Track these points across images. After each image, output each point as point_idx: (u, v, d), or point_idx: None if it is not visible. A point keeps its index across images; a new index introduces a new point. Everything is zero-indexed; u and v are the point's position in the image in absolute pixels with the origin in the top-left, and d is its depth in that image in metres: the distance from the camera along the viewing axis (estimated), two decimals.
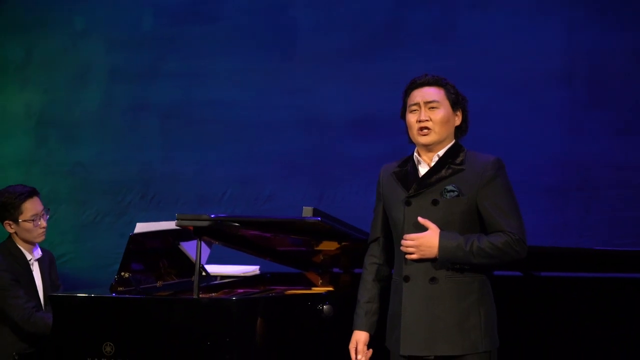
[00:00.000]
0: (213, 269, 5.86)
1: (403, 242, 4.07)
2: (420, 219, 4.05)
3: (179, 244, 5.55)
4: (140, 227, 5.16)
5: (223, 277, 5.81)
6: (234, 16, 10.27)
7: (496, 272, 5.33)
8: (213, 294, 5.32)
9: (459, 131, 4.33)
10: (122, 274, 4.99)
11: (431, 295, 4.03)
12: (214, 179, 10.25)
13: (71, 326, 4.78)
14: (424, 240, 4.00)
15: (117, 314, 4.72)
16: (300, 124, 9.97)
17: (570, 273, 5.43)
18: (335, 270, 5.76)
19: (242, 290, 5.53)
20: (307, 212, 4.61)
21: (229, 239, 5.22)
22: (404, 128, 4.28)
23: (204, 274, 5.69)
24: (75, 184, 10.61)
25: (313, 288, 5.59)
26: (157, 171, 10.40)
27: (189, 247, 5.55)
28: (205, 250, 5.67)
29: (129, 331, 4.66)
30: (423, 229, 4.04)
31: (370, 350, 4.24)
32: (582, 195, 9.13)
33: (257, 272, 5.91)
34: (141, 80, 10.49)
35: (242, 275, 5.79)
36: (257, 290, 5.54)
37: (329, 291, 5.41)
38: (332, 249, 5.40)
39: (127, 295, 4.88)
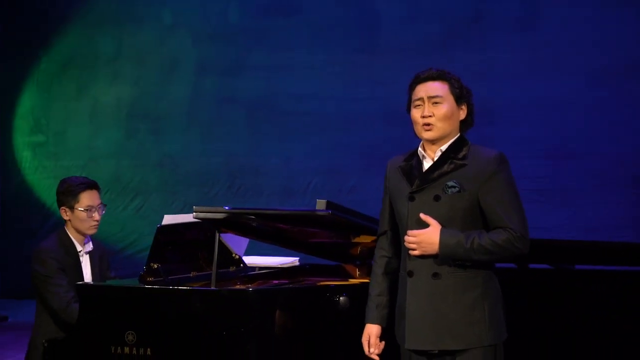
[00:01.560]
0: (252, 260, 5.89)
1: (406, 238, 4.04)
2: (422, 215, 4.00)
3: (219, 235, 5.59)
4: (168, 219, 5.22)
5: (262, 268, 5.84)
6: (319, 9, 10.32)
7: (531, 265, 5.29)
8: (249, 285, 5.35)
9: (464, 125, 4.25)
10: (151, 264, 5.05)
11: (434, 291, 3.99)
12: (298, 170, 10.33)
13: (95, 315, 4.87)
14: (425, 237, 3.96)
15: (138, 304, 4.79)
16: (384, 115, 9.96)
17: (602, 266, 5.30)
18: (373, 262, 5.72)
19: (277, 282, 5.55)
20: (320, 204, 4.59)
21: (253, 232, 5.24)
22: (410, 122, 4.24)
23: (241, 265, 5.73)
24: (164, 175, 10.83)
25: (350, 280, 5.56)
26: (243, 163, 10.53)
27: (229, 239, 5.59)
28: (244, 241, 5.71)
29: (149, 320, 4.72)
30: (425, 224, 4.00)
31: (383, 342, 4.24)
32: None
33: (297, 263, 5.91)
34: (227, 73, 10.64)
35: (279, 266, 5.82)
36: (287, 282, 5.56)
37: (358, 283, 5.38)
38: (368, 241, 5.37)
39: (147, 286, 4.95)
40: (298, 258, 5.93)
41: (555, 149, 9.31)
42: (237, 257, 5.71)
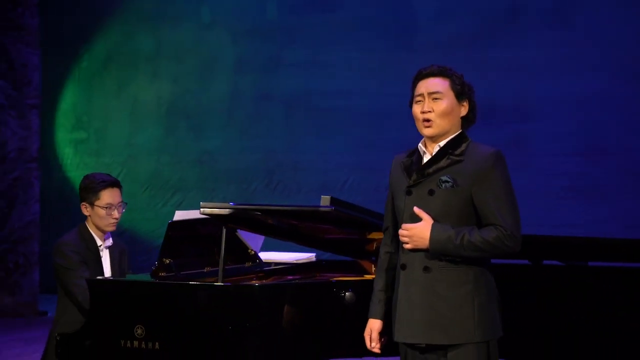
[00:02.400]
0: (268, 255, 5.93)
1: (399, 231, 4.09)
2: (415, 209, 4.03)
3: (236, 231, 5.63)
4: (179, 215, 5.28)
5: (278, 263, 5.88)
6: (355, 6, 10.33)
7: (546, 262, 5.27)
8: (264, 281, 5.39)
9: (466, 121, 4.26)
10: (163, 260, 5.10)
11: (425, 284, 4.01)
12: (336, 167, 10.34)
13: (106, 309, 4.96)
14: (417, 231, 3.99)
15: (147, 299, 4.85)
16: None
17: (615, 263, 5.24)
18: None
19: (291, 277, 5.59)
20: (324, 200, 4.61)
21: (264, 229, 5.28)
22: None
23: (257, 261, 5.77)
24: (203, 172, 10.91)
25: (365, 275, 5.57)
26: (281, 159, 10.57)
27: (246, 234, 5.63)
28: (260, 237, 5.75)
29: (157, 315, 4.78)
30: (419, 219, 4.04)
31: (385, 337, 4.26)
32: None
33: (313, 259, 5.94)
34: (265, 71, 10.69)
35: (295, 262, 5.85)
36: (301, 277, 5.60)
37: (367, 279, 5.39)
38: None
39: (155, 281, 5.02)
40: (314, 254, 5.96)
41: (591, 145, 9.22)
42: (252, 252, 5.74)
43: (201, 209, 4.79)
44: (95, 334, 4.97)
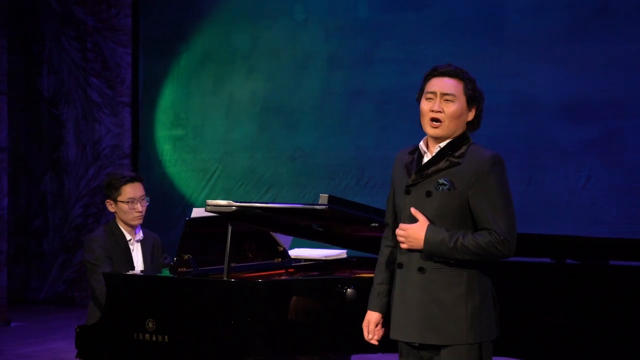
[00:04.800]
0: (298, 252, 6.00)
1: (397, 231, 4.15)
2: (412, 210, 4.10)
3: None
4: (197, 212, 5.39)
5: (307, 260, 5.94)
6: (446, 2, 10.25)
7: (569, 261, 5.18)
8: (259, 277, 5.45)
9: (470, 125, 4.27)
10: (182, 255, 5.22)
11: (420, 285, 4.07)
12: None
13: (120, 303, 5.14)
14: (412, 232, 4.05)
15: (156, 293, 5.03)
16: (511, 108, 9.80)
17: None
18: None
19: (316, 273, 5.67)
20: (322, 199, 4.66)
21: (282, 228, 5.36)
22: (418, 112, 4.31)
23: (286, 257, 5.84)
24: (296, 168, 11.00)
25: None
26: (372, 156, 10.57)
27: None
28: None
29: (166, 309, 4.94)
30: (416, 219, 4.09)
31: (383, 329, 4.32)
32: None
33: (344, 256, 5.99)
34: (357, 67, 10.72)
35: (324, 259, 5.90)
36: (317, 273, 5.67)
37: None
38: None
39: (163, 276, 5.17)
40: (345, 251, 5.99)
41: None
42: (281, 249, 5.82)
43: (206, 207, 4.90)
44: (110, 327, 5.15)
